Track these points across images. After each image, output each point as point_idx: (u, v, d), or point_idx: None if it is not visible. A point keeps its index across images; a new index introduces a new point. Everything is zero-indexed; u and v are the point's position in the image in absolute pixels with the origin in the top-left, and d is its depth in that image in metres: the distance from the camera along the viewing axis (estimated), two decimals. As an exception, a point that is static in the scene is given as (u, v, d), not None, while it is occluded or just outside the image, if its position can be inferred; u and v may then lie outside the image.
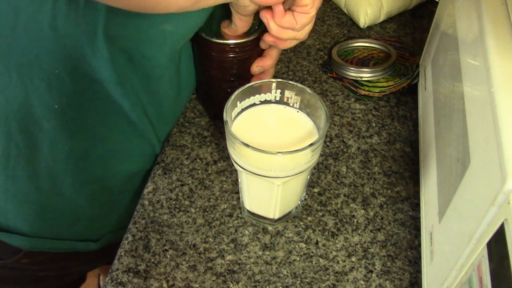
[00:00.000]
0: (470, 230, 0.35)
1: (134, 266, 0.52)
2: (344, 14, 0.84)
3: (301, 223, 0.56)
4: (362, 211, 0.57)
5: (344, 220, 0.56)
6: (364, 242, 0.54)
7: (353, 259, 0.53)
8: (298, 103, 0.51)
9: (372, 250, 0.53)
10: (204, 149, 0.63)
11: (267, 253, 0.53)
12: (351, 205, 0.58)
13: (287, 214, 0.55)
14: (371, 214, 0.57)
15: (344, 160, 0.62)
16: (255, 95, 0.51)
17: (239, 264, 0.52)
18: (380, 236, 0.55)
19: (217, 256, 0.53)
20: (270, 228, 0.55)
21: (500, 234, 0.31)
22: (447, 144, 0.47)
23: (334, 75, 0.72)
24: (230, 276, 0.51)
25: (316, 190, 0.59)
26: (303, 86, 0.50)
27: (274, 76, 0.63)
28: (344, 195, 0.58)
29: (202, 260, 0.52)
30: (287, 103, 0.52)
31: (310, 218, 0.56)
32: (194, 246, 0.54)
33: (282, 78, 0.71)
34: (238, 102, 0.50)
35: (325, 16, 0.83)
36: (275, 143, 0.49)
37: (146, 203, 0.57)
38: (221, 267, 0.52)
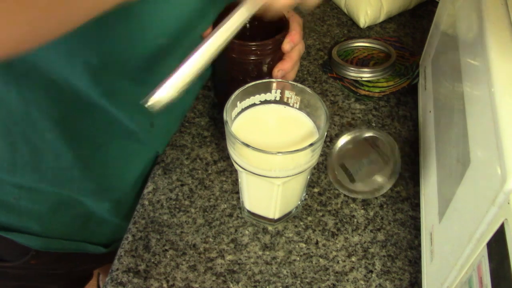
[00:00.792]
0: (470, 230, 0.35)
1: (134, 266, 0.52)
2: (344, 14, 0.84)
3: (301, 223, 0.56)
4: (362, 211, 0.57)
5: (344, 220, 0.56)
6: (364, 242, 0.54)
7: (353, 259, 0.53)
8: (298, 103, 0.51)
9: (372, 250, 0.53)
10: (204, 149, 0.63)
11: (267, 253, 0.53)
12: (351, 205, 0.58)
13: (287, 214, 0.55)
14: (371, 214, 0.57)
15: (344, 160, 0.62)
16: (255, 95, 0.51)
17: (239, 264, 0.52)
18: (380, 236, 0.55)
19: (217, 256, 0.53)
20: (270, 228, 0.55)
21: (500, 234, 0.32)
22: (447, 144, 0.47)
23: (334, 75, 0.72)
24: (230, 276, 0.51)
25: (316, 190, 0.59)
26: (303, 86, 0.50)
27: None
28: (344, 195, 0.58)
29: (202, 260, 0.52)
30: (287, 103, 0.52)
31: (310, 218, 0.56)
32: (194, 246, 0.54)
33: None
34: (238, 102, 0.50)
35: (325, 16, 0.83)
36: (275, 143, 0.49)
37: (146, 203, 0.57)
38: (221, 267, 0.52)
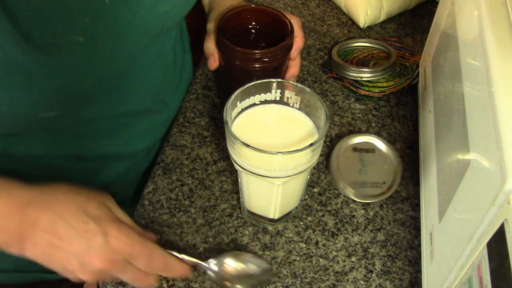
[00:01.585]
0: (470, 230, 0.35)
1: (134, 266, 0.52)
2: (344, 14, 0.84)
3: (301, 223, 0.56)
4: (362, 211, 0.57)
5: (344, 220, 0.56)
6: (364, 242, 0.54)
7: (353, 259, 0.53)
8: (298, 103, 0.51)
9: (372, 250, 0.53)
10: (204, 149, 0.63)
11: (267, 253, 0.53)
12: (351, 205, 0.58)
13: (287, 214, 0.55)
14: (371, 214, 0.57)
15: (344, 160, 0.62)
16: (255, 95, 0.51)
17: (239, 264, 0.52)
18: (380, 236, 0.55)
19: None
20: (270, 228, 0.55)
21: (500, 234, 0.31)
22: (447, 144, 0.47)
23: (334, 75, 0.72)
24: (230, 276, 0.51)
25: (316, 190, 0.59)
26: (303, 86, 0.50)
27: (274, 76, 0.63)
28: (344, 195, 0.58)
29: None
30: (287, 103, 0.52)
31: (310, 218, 0.56)
32: (194, 246, 0.54)
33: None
34: (238, 102, 0.50)
35: (325, 16, 0.83)
36: (275, 143, 0.49)
37: (146, 203, 0.57)
38: (221, 267, 0.52)
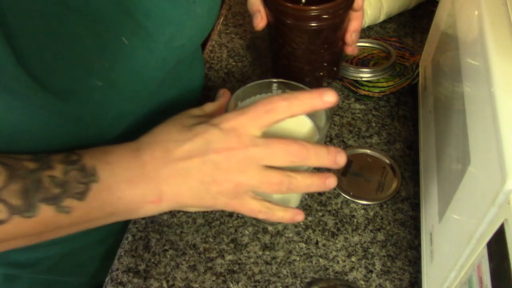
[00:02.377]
0: (470, 230, 0.35)
1: (134, 266, 0.52)
2: (344, 14, 0.84)
3: (301, 223, 0.56)
4: (362, 211, 0.57)
5: (344, 220, 0.56)
6: (364, 242, 0.54)
7: (353, 259, 0.53)
8: (298, 103, 0.51)
9: (372, 250, 0.53)
10: (204, 149, 0.63)
11: (267, 253, 0.53)
12: (351, 205, 0.58)
13: (287, 214, 0.55)
14: (371, 214, 0.57)
15: (344, 160, 0.62)
16: (255, 95, 0.51)
17: (239, 264, 0.52)
18: (380, 236, 0.55)
19: (217, 256, 0.53)
20: (270, 228, 0.55)
21: (500, 234, 0.31)
22: (447, 144, 0.47)
23: (334, 75, 0.72)
24: (230, 276, 0.51)
25: (316, 190, 0.59)
26: (303, 86, 0.50)
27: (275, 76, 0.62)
28: (344, 195, 0.58)
29: (202, 260, 0.52)
30: (287, 103, 0.51)
31: (310, 218, 0.56)
32: (194, 246, 0.54)
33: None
34: (239, 102, 0.50)
35: (325, 16, 0.83)
36: (275, 143, 0.49)
37: (146, 203, 0.57)
38: (221, 267, 0.52)
